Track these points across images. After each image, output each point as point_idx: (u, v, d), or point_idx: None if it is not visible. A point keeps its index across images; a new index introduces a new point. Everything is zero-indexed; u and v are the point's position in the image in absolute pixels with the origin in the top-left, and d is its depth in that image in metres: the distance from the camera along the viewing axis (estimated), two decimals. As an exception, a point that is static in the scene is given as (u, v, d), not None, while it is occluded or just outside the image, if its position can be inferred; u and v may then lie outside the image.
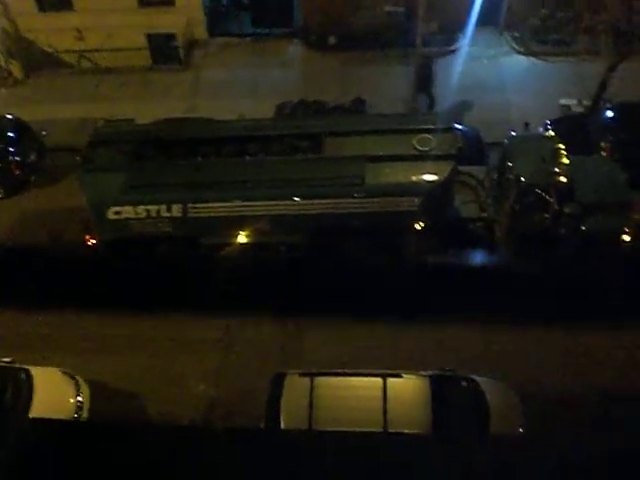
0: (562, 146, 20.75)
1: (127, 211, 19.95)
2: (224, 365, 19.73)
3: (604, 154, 22.98)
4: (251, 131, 21.29)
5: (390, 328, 20.25)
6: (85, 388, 18.41)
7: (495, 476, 15.98)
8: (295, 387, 17.56)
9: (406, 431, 16.84)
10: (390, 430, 16.83)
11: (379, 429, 16.84)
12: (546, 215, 20.37)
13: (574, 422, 17.87)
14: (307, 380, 17.53)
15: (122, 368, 19.46)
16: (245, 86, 27.59)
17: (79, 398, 18.06)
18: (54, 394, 18.13)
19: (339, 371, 17.92)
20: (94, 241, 20.94)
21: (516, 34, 29.39)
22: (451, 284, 20.53)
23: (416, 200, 19.78)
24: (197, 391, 19.18)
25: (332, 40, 29.16)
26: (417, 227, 20.38)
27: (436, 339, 19.97)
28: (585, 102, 26.11)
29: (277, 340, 20.26)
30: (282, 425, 16.95)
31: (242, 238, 20.50)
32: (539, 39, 29.11)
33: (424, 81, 26.15)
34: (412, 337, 20.07)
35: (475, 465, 16.60)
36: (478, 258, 21.89)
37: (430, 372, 18.08)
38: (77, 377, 18.56)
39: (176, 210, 19.91)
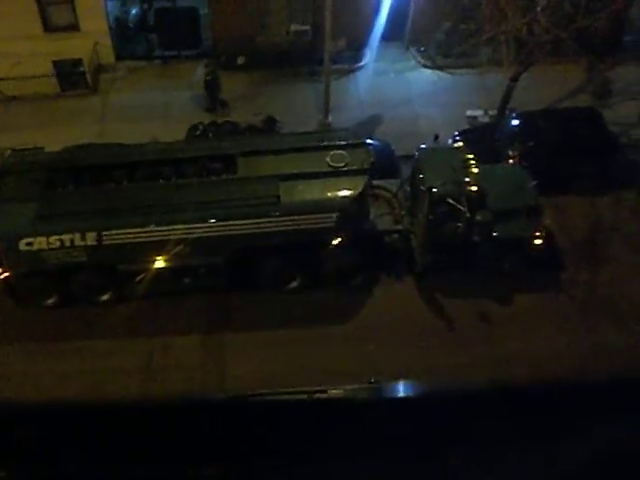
0: (471, 156, 21.25)
1: (39, 242, 19.44)
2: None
3: (512, 162, 23.60)
4: (163, 154, 21.10)
5: (317, 343, 20.39)
6: None
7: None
8: None
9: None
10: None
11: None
12: (459, 224, 20.81)
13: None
14: None
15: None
16: (155, 109, 27.33)
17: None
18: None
19: (263, 392, 17.82)
20: (7, 274, 20.38)
21: (421, 48, 29.95)
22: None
23: (332, 216, 19.92)
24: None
25: (241, 60, 29.18)
26: (335, 243, 20.53)
27: (364, 351, 20.19)
28: (491, 112, 26.82)
29: (201, 362, 20.10)
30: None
31: (160, 263, 20.25)
32: (443, 52, 29.72)
33: (212, 88, 26.94)
34: (338, 350, 20.24)
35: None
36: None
37: (356, 385, 18.17)
38: None
39: (91, 238, 19.52)
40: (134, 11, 30.59)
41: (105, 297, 21.27)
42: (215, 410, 10.39)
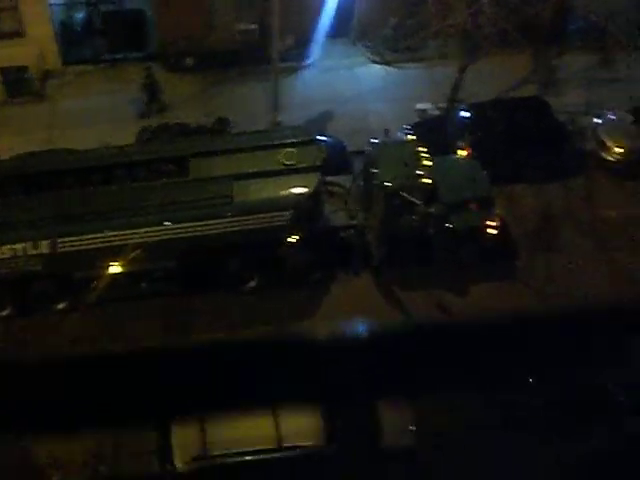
0: (422, 149, 21.49)
1: None
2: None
3: (463, 153, 23.83)
4: (115, 159, 20.91)
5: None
6: None
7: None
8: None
9: (299, 444, 17.04)
10: (284, 444, 16.98)
11: (273, 446, 16.95)
12: (413, 217, 20.99)
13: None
14: None
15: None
16: (105, 113, 27.03)
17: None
18: None
19: None
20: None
21: (369, 44, 30.06)
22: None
23: (286, 214, 19.97)
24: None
25: (189, 61, 29.01)
26: (290, 240, 20.57)
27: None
28: (440, 105, 27.02)
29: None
30: (175, 455, 16.81)
31: (116, 269, 20.10)
32: (391, 47, 29.86)
33: (151, 90, 26.81)
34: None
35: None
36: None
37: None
38: None
39: (44, 246, 19.31)
40: (80, 15, 30.20)
41: (61, 306, 21.02)
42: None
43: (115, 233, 19.41)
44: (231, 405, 18.17)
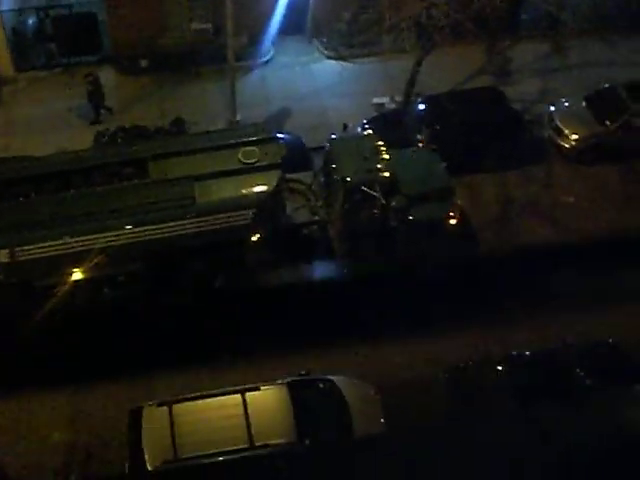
0: (381, 143, 21.60)
1: None
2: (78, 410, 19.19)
3: (421, 146, 23.98)
4: (72, 164, 20.65)
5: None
6: None
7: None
8: (154, 419, 17.31)
9: (272, 442, 17.03)
10: (256, 444, 16.95)
11: (245, 445, 16.92)
12: (374, 211, 21.09)
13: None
14: (165, 409, 17.32)
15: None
16: (60, 118, 26.74)
17: None
18: None
19: (197, 394, 17.80)
20: None
21: (324, 40, 30.07)
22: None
23: (249, 213, 19.93)
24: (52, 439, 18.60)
25: (144, 63, 28.79)
26: (253, 239, 20.55)
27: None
28: (397, 98, 27.15)
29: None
30: (147, 460, 16.68)
31: (79, 275, 19.89)
32: (346, 43, 29.90)
33: (95, 99, 26.45)
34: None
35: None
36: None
37: (287, 379, 18.33)
38: None
39: (3, 255, 19.05)
40: (31, 21, 29.81)
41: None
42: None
43: (75, 239, 19.18)
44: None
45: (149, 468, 16.60)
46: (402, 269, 21.84)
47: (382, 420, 18.05)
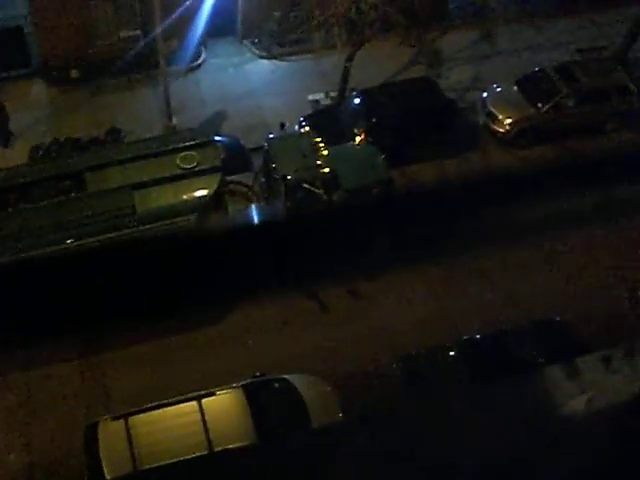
0: (319, 139, 21.66)
1: None
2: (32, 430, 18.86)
3: (359, 140, 24.08)
4: (7, 181, 20.31)
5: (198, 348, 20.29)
6: None
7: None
8: (111, 433, 17.10)
9: (231, 446, 16.98)
10: (216, 449, 16.88)
11: (205, 452, 16.84)
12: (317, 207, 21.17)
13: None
14: (121, 423, 17.14)
15: None
16: (-8, 135, 26.26)
17: None
18: None
19: (152, 405, 17.65)
20: None
21: (255, 40, 30.00)
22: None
23: (191, 218, 19.82)
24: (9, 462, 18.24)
25: (75, 74, 28.36)
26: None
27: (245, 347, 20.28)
28: (332, 94, 27.25)
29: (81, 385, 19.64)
30: (106, 475, 16.48)
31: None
32: (277, 42, 29.90)
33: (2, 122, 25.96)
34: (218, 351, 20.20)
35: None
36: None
37: (242, 382, 18.29)
38: None
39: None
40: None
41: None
42: None
43: (15, 258, 18.85)
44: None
45: (108, 480, 16.43)
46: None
47: (340, 414, 18.13)
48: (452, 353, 19.37)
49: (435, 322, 20.79)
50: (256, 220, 21.83)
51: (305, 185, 20.81)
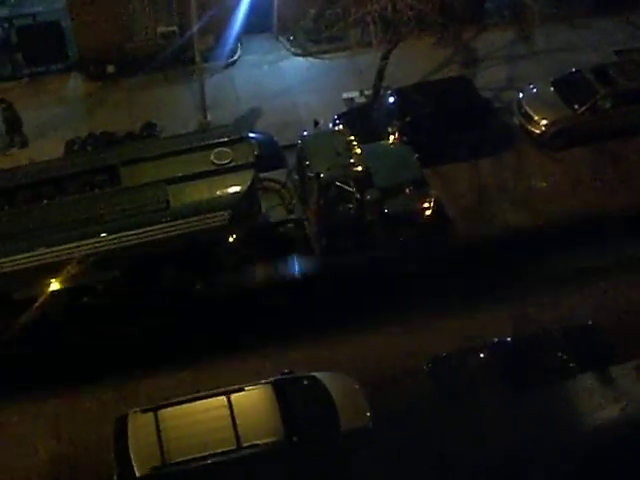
0: (353, 137, 21.63)
1: None
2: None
3: (393, 138, 24.02)
4: (44, 174, 20.50)
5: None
6: None
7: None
8: (140, 426, 17.24)
9: (259, 442, 17.05)
10: (244, 444, 16.96)
11: (232, 446, 16.92)
12: (350, 205, 21.16)
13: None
14: (151, 416, 17.27)
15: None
16: (30, 128, 26.48)
17: None
18: None
19: (181, 399, 17.77)
20: None
21: (291, 37, 30.02)
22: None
23: (224, 214, 19.90)
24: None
25: (111, 69, 28.60)
26: (231, 240, 20.53)
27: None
28: (367, 92, 27.20)
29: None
30: (135, 468, 16.62)
31: (57, 285, 19.77)
32: (313, 39, 29.87)
33: (13, 122, 25.84)
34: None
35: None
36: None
37: (271, 379, 18.35)
38: None
39: (-21, 270, 18.91)
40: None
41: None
42: None
43: (51, 249, 19.07)
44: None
45: (137, 475, 16.55)
46: (380, 261, 21.94)
47: (368, 414, 18.12)
48: (482, 355, 19.31)
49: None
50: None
51: (338, 183, 20.80)
